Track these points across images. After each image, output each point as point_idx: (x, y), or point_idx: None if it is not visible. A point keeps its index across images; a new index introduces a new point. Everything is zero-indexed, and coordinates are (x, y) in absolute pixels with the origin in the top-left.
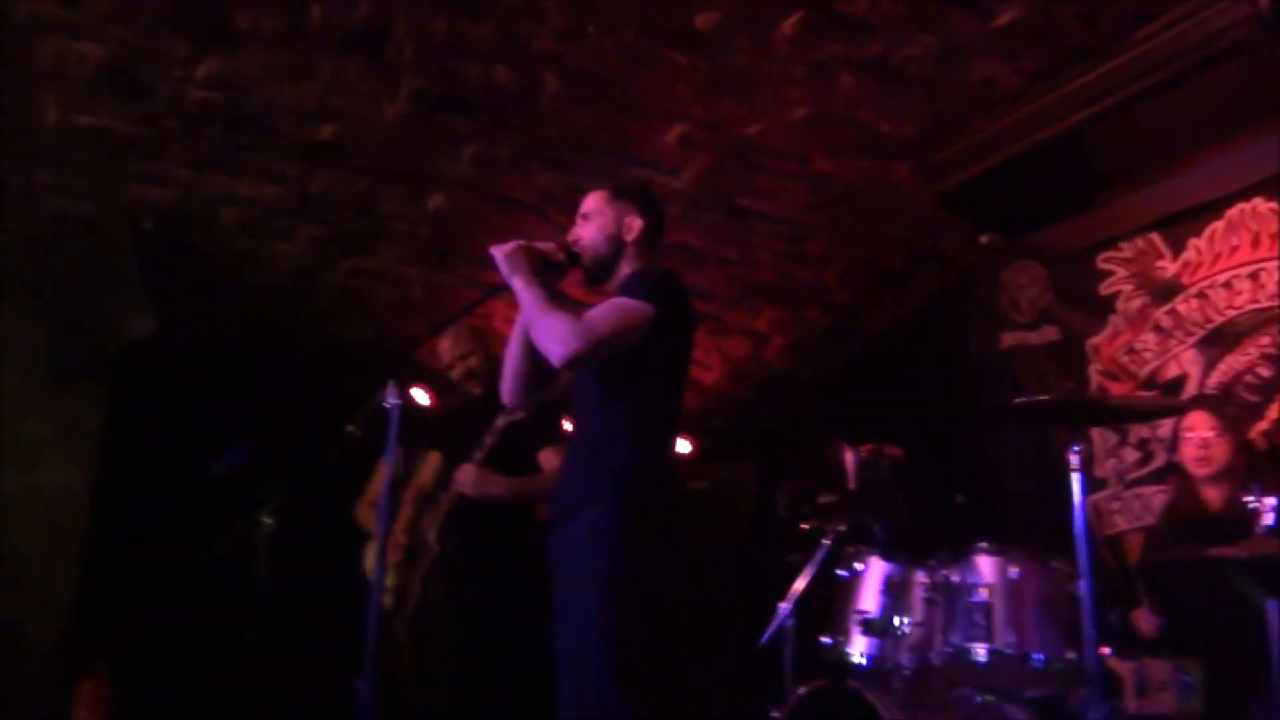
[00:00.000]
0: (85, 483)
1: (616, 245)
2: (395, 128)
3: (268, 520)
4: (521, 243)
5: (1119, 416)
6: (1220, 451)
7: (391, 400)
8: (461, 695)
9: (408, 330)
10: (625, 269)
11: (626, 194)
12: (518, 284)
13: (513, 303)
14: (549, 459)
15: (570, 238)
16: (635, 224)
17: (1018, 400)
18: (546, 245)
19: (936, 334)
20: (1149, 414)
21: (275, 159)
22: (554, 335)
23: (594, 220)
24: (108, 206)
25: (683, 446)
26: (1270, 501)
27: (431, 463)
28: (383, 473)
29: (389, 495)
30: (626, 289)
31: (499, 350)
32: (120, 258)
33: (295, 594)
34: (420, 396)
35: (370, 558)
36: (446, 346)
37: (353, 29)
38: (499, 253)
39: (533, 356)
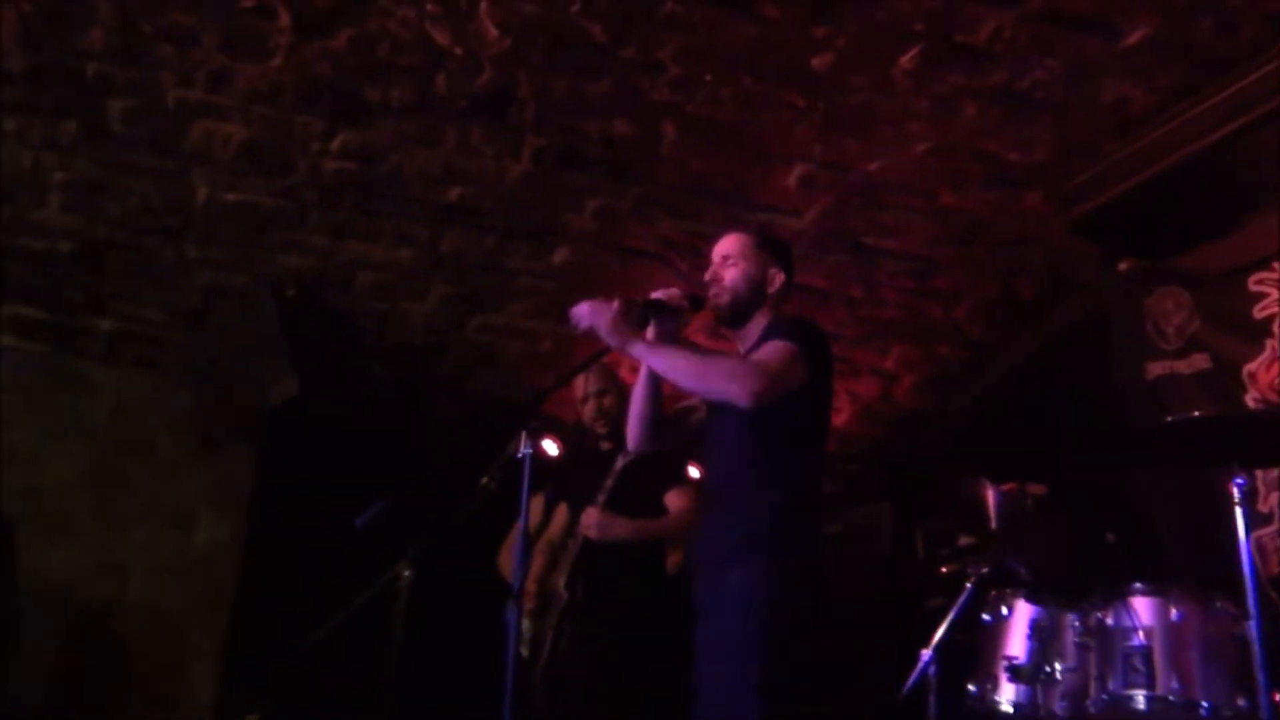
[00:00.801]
0: (237, 540)
1: (757, 294)
2: (519, 186)
3: (406, 573)
4: (611, 306)
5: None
6: None
7: (524, 450)
8: None
9: (537, 382)
10: (760, 319)
11: (771, 245)
12: (639, 350)
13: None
14: (675, 500)
15: (709, 277)
16: (779, 278)
17: (1170, 420)
18: (669, 292)
19: (1077, 366)
20: None
21: (407, 222)
22: (734, 378)
23: (738, 265)
24: (253, 277)
25: None
26: None
27: (560, 513)
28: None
29: (524, 545)
30: (774, 333)
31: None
32: (265, 325)
33: (435, 646)
34: (550, 447)
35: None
36: (581, 383)
37: (476, 94)
38: (603, 328)
39: (656, 401)
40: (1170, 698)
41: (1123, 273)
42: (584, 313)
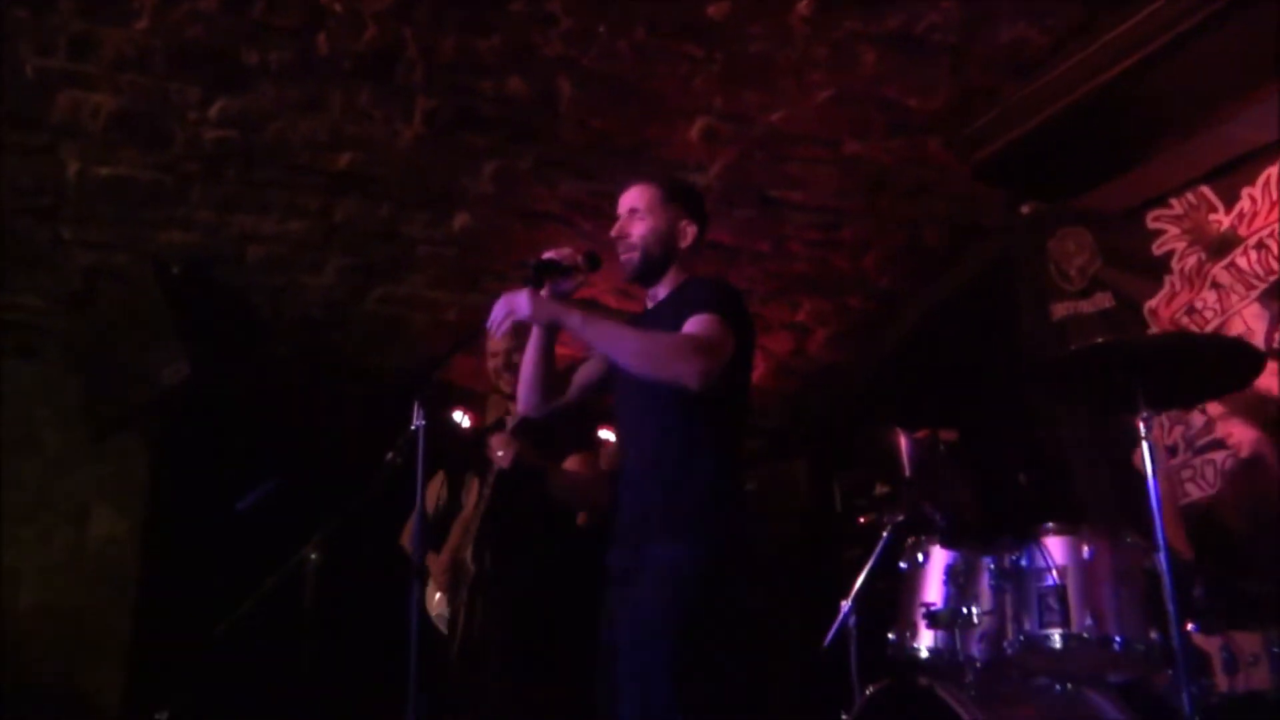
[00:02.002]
0: (135, 533)
1: (668, 248)
2: (412, 150)
3: (313, 556)
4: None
5: (1182, 360)
6: (1241, 433)
7: (417, 422)
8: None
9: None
10: (673, 275)
11: (681, 196)
12: (574, 323)
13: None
14: (576, 467)
15: (615, 232)
16: (690, 230)
17: (1075, 349)
18: (562, 251)
19: (986, 312)
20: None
21: (296, 193)
22: (682, 358)
23: (646, 220)
24: (135, 256)
25: None
26: None
27: (474, 487)
28: (429, 497)
29: (420, 521)
30: (695, 299)
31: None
32: (151, 306)
33: (346, 628)
34: (461, 419)
35: (427, 588)
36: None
37: (361, 55)
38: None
39: (549, 363)
40: (1085, 634)
41: (1026, 216)
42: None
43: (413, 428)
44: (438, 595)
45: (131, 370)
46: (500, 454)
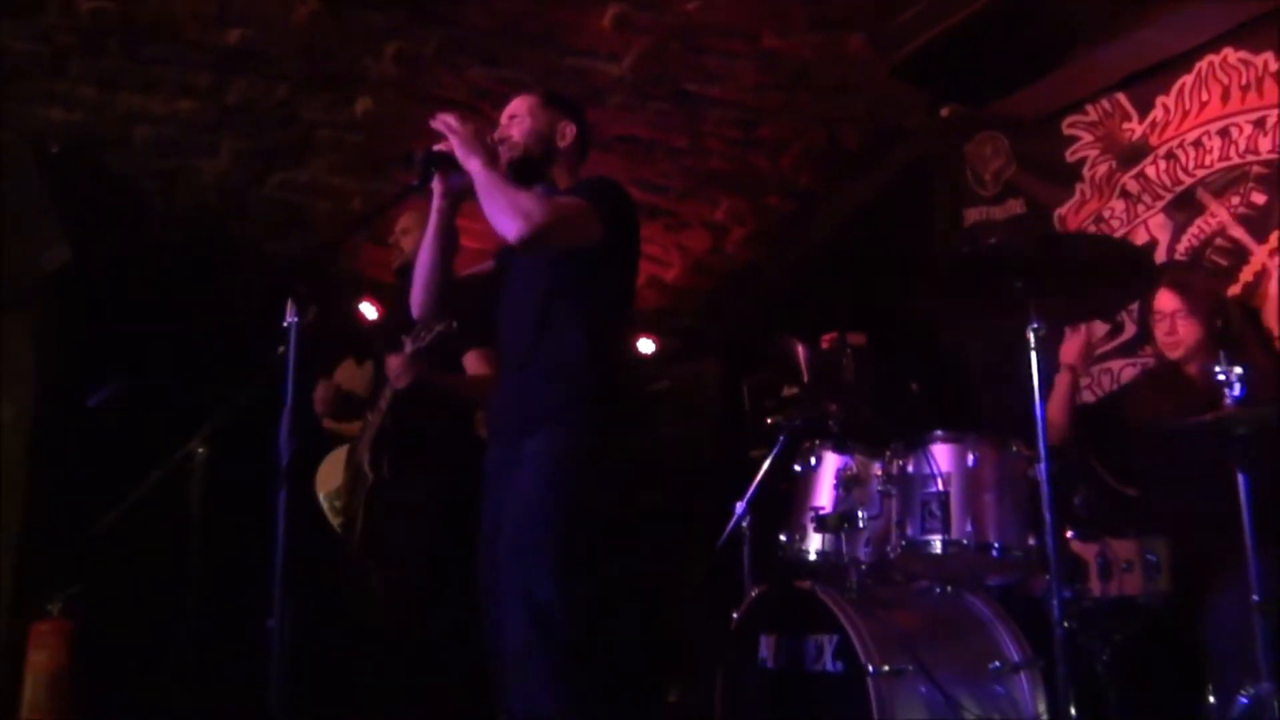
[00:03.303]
0: (23, 420)
1: (547, 148)
2: (308, 27)
3: (200, 450)
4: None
5: (1073, 266)
6: (1188, 332)
7: (290, 318)
8: (414, 618)
9: (349, 244)
10: (556, 177)
11: (558, 100)
12: (475, 166)
13: None
14: (474, 364)
15: (497, 136)
16: (569, 130)
17: (966, 251)
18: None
19: (904, 215)
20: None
21: (185, 70)
22: (519, 208)
23: (525, 122)
24: (11, 133)
25: (646, 347)
26: (1238, 371)
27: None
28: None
29: (289, 418)
30: (570, 191)
31: None
32: (28, 186)
33: (234, 522)
34: (368, 310)
35: (321, 482)
36: (406, 224)
37: None
38: (456, 135)
39: (445, 265)
40: (964, 540)
41: (944, 119)
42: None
43: (285, 324)
44: (333, 485)
45: (9, 253)
46: (396, 376)
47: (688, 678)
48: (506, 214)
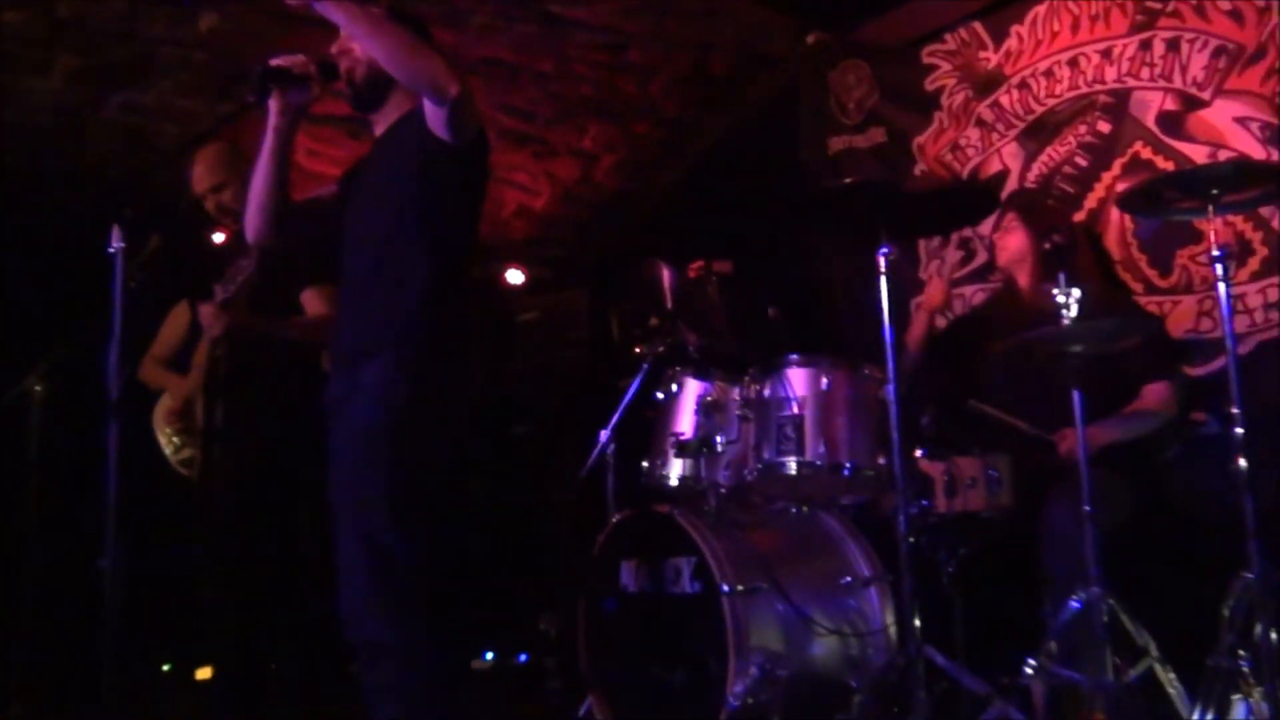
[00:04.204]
0: None
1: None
2: None
3: (38, 387)
4: None
5: (923, 205)
6: (1016, 240)
7: (115, 244)
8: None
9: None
10: (400, 101)
11: (405, 18)
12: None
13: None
14: (312, 302)
15: (336, 49)
16: None
17: (819, 188)
18: (294, 59)
19: (772, 144)
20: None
21: None
22: (446, 70)
23: None
24: None
25: (514, 277)
26: (1075, 293)
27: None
28: (170, 327)
29: (118, 350)
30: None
31: None
32: None
33: (75, 459)
34: (219, 239)
35: (159, 419)
36: (199, 175)
37: None
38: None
39: (280, 186)
40: (817, 461)
41: (810, 46)
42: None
43: (110, 251)
44: (170, 433)
45: None
46: (208, 325)
47: (557, 606)
48: (426, 68)
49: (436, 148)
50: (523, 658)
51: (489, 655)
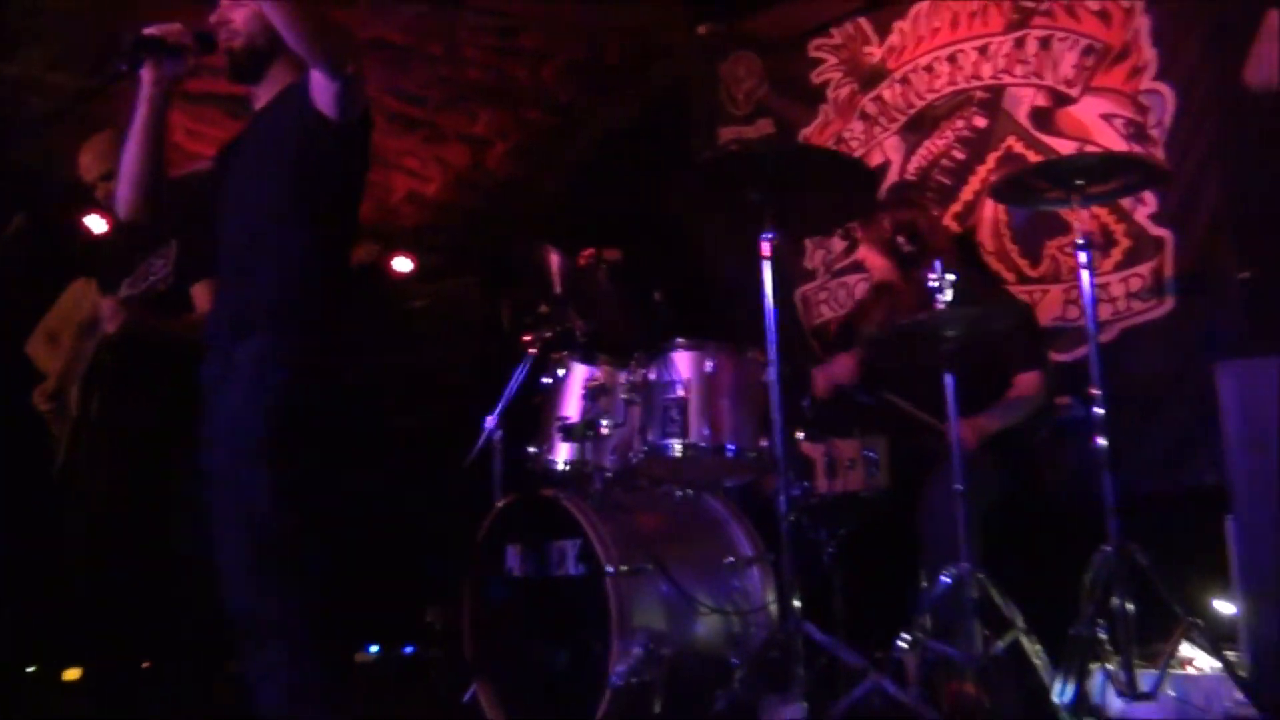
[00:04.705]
0: None
1: (273, 37)
2: None
3: None
4: None
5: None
6: (872, 261)
7: None
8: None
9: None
10: (279, 73)
11: None
12: None
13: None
14: (203, 297)
15: (215, 19)
16: None
17: (708, 155)
18: (168, 27)
19: (664, 133)
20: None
21: None
22: (339, 42)
23: (248, 4)
24: None
25: (402, 265)
26: (950, 278)
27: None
28: (64, 304)
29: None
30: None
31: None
32: None
33: None
34: (96, 223)
35: (38, 400)
36: (87, 164)
37: None
38: None
39: (154, 158)
40: (701, 443)
41: (701, 36)
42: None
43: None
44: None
45: None
46: (107, 319)
47: (444, 597)
48: (322, 38)
49: (318, 123)
50: (409, 650)
51: (373, 648)
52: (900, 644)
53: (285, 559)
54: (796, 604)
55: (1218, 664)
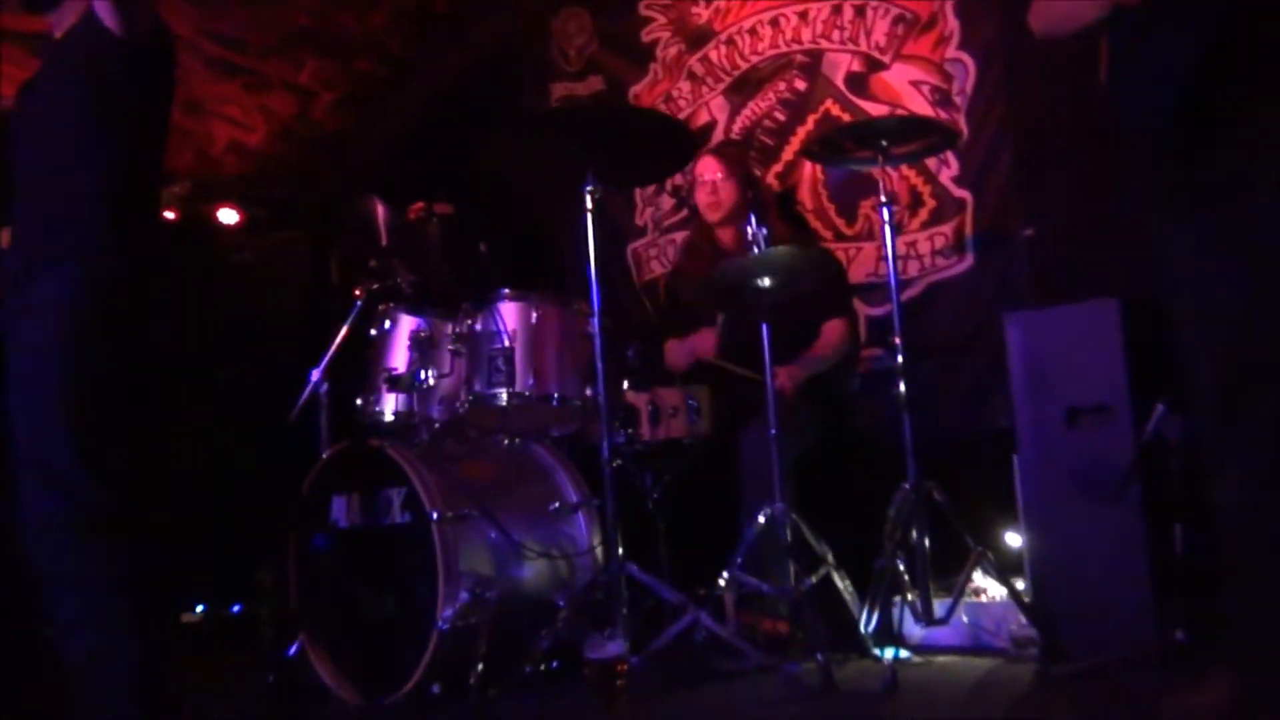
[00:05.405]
0: None
1: None
2: None
3: None
4: None
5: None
6: (728, 195)
7: None
8: None
9: None
10: (76, 3)
11: None
12: None
13: None
14: None
15: None
16: None
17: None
18: None
19: (496, 88)
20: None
21: None
22: None
23: None
24: None
25: (228, 216)
26: (764, 232)
27: None
28: None
29: None
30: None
31: None
32: None
33: None
34: None
35: None
36: None
37: None
38: None
39: None
40: (526, 393)
41: None
42: None
43: None
44: None
45: None
46: None
47: (274, 554)
48: None
49: (108, 45)
50: (236, 608)
51: (200, 607)
52: (719, 583)
53: (88, 513)
54: (619, 546)
55: (1005, 591)
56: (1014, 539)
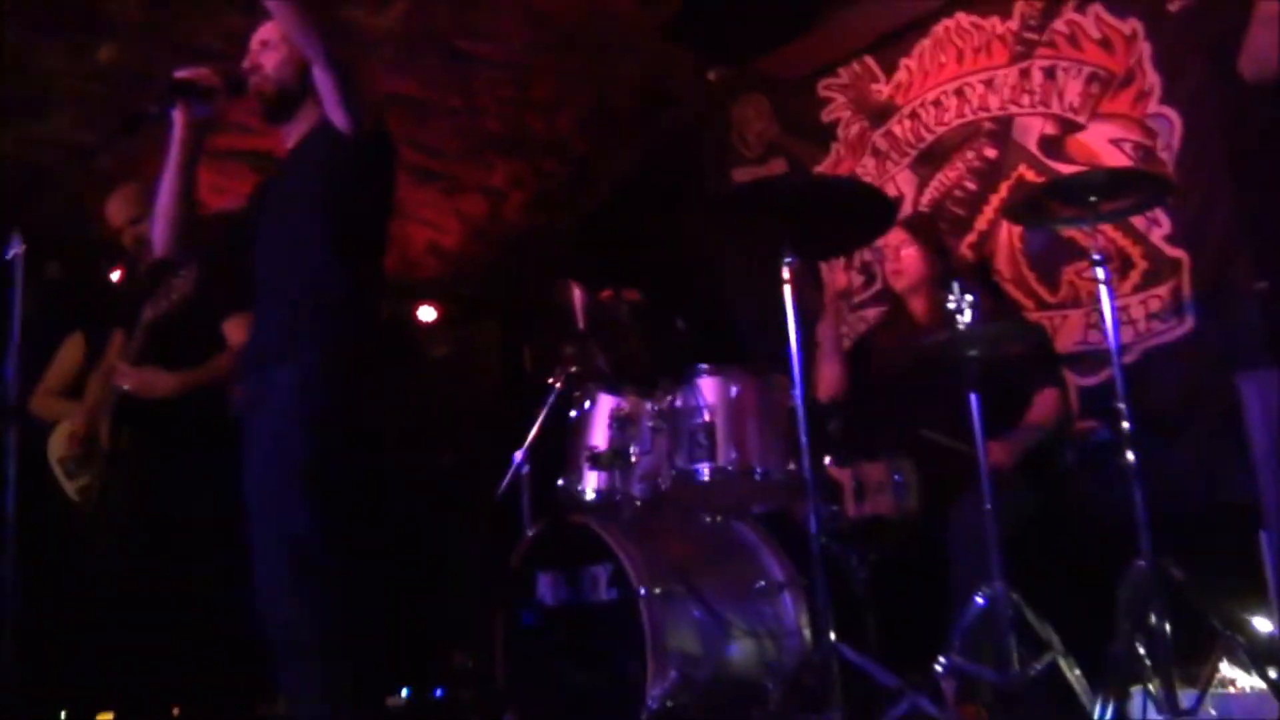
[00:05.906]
0: None
1: (303, 80)
2: None
3: None
4: None
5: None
6: (911, 262)
7: (13, 249)
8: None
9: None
10: (309, 114)
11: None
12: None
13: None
14: (236, 331)
15: (248, 65)
16: None
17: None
18: (198, 71)
19: (677, 177)
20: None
21: None
22: (331, 38)
23: (279, 49)
24: None
25: (426, 314)
26: (969, 298)
27: (116, 344)
28: (64, 358)
29: (15, 363)
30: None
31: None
32: None
33: None
34: (114, 274)
35: (54, 448)
36: (115, 209)
37: None
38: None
39: (187, 196)
40: (729, 467)
41: (711, 81)
42: None
43: (8, 255)
44: (64, 454)
45: None
46: (120, 379)
47: (470, 638)
48: (344, 81)
49: (338, 144)
50: (439, 692)
51: (405, 692)
52: (936, 667)
53: (323, 578)
54: (830, 625)
55: (1258, 682)
56: (1263, 623)
